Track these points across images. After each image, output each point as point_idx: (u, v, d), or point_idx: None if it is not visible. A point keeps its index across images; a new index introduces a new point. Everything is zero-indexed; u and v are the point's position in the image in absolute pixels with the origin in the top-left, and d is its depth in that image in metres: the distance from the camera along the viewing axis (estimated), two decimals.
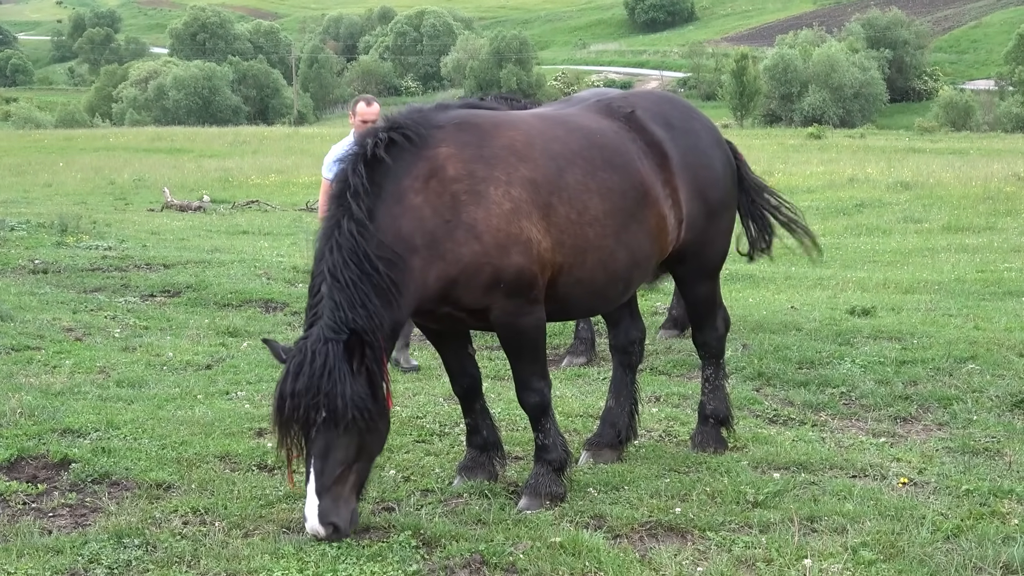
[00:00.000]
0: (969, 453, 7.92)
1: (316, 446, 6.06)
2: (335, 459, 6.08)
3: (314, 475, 6.06)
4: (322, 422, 6.02)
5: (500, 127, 6.82)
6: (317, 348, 6.07)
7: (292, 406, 6.04)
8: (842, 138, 57.21)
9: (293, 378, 6.07)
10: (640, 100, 7.87)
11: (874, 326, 11.99)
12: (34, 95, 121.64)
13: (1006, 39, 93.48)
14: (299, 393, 6.01)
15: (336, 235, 6.20)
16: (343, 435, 6.07)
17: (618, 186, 7.10)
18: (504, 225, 6.50)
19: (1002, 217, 23.60)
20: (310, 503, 6.05)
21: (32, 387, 9.24)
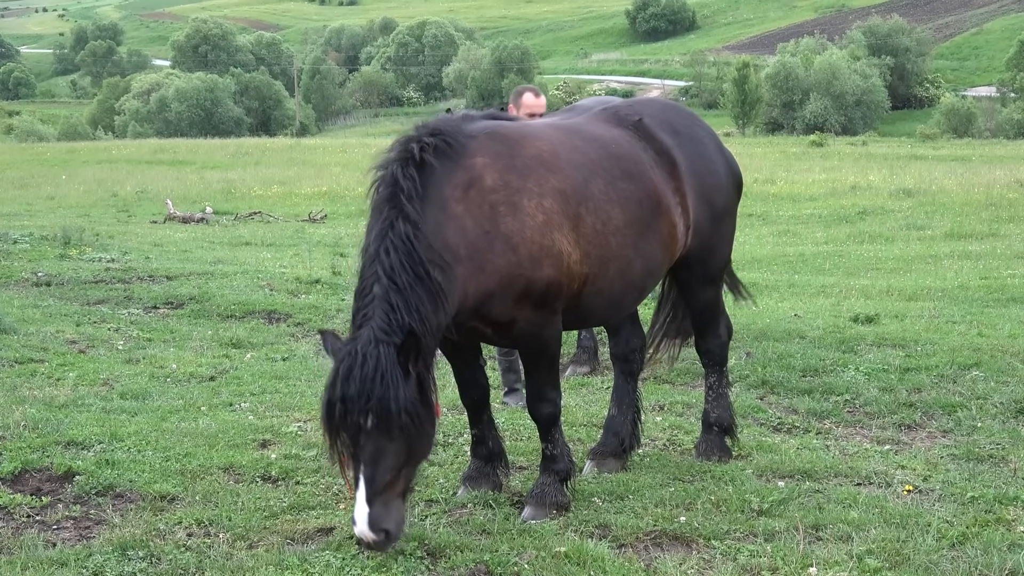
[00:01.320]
0: (974, 460, 7.91)
1: (366, 451, 5.91)
2: (385, 465, 5.93)
3: (364, 482, 5.90)
4: (372, 427, 5.89)
5: (527, 138, 6.84)
6: (368, 351, 5.94)
7: (342, 411, 5.90)
8: (844, 146, 57.23)
9: (343, 382, 5.92)
10: (645, 108, 7.90)
11: (878, 333, 11.98)
12: (37, 108, 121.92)
13: (1007, 46, 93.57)
14: (349, 398, 5.87)
15: (391, 236, 6.13)
16: (393, 440, 5.94)
17: (635, 195, 7.15)
18: (538, 237, 6.51)
19: (1005, 224, 23.61)
20: (360, 509, 5.87)
21: (36, 399, 9.23)
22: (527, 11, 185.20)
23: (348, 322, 6.39)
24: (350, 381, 5.90)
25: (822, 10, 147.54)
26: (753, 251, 19.89)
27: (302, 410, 9.17)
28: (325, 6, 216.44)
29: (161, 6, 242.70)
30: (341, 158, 47.67)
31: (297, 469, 7.64)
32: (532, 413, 7.07)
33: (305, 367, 10.85)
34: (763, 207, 27.88)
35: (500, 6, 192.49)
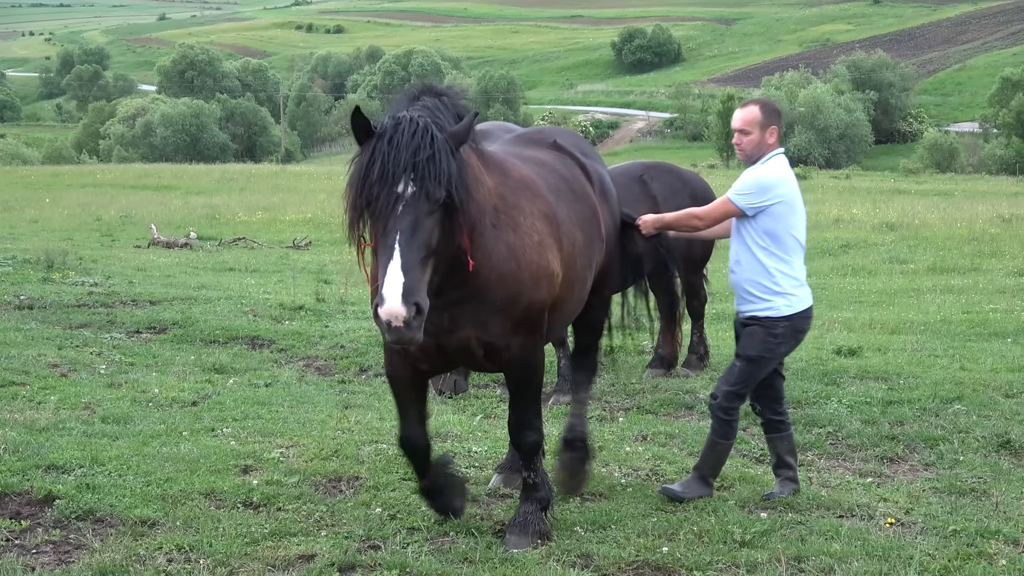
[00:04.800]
0: (956, 493, 7.92)
1: (404, 221, 5.62)
2: (421, 240, 5.65)
3: (399, 250, 5.57)
4: (412, 196, 5.65)
5: (508, 162, 6.84)
6: (416, 118, 5.79)
7: (380, 174, 5.65)
8: (828, 179, 57.53)
9: (387, 143, 5.70)
10: (552, 132, 7.97)
11: (860, 366, 12.00)
12: (22, 131, 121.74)
13: (990, 82, 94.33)
14: (392, 160, 5.65)
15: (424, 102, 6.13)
16: (431, 215, 5.70)
17: (585, 215, 7.22)
18: (535, 257, 6.49)
19: (987, 258, 23.70)
20: (392, 280, 5.50)
21: (16, 423, 9.18)
22: (514, 41, 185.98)
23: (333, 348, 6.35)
24: (393, 142, 5.71)
25: (807, 44, 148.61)
26: None
27: (284, 436, 9.14)
28: (312, 33, 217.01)
29: (148, 31, 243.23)
30: (326, 185, 47.63)
31: (279, 495, 7.61)
32: (517, 442, 6.99)
33: (288, 393, 10.82)
34: None
35: (487, 36, 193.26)
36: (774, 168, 7.56)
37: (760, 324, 7.52)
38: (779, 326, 7.50)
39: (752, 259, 7.52)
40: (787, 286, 7.53)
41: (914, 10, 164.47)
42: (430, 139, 5.72)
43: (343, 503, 7.53)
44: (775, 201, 7.46)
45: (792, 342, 7.65)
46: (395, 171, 5.65)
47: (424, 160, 5.66)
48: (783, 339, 7.54)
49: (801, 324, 7.61)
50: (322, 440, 8.94)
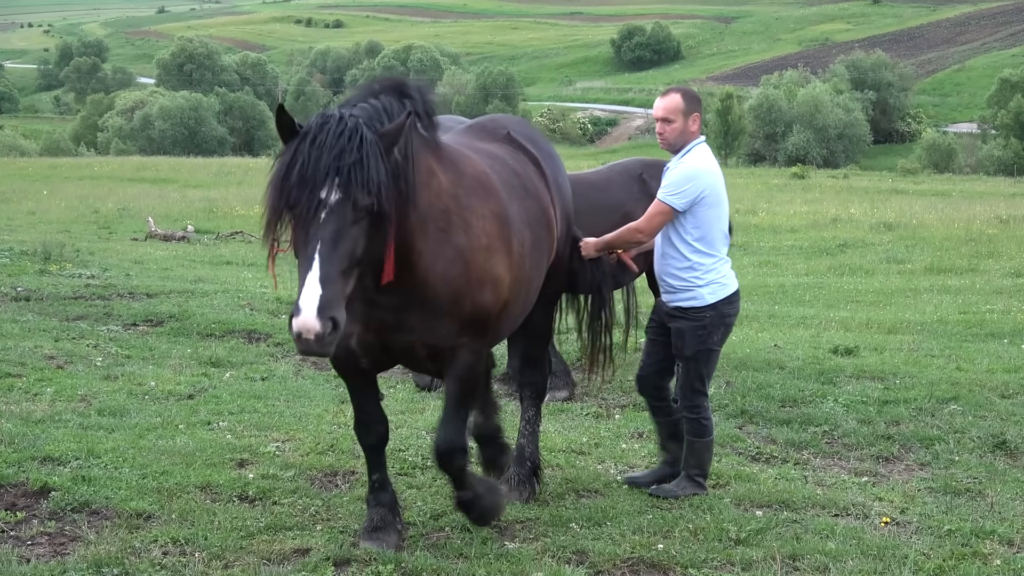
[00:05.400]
0: (951, 493, 7.94)
1: (325, 230, 5.30)
2: (343, 251, 5.32)
3: (318, 260, 5.27)
4: (336, 202, 5.31)
5: (464, 156, 6.58)
6: (345, 116, 5.48)
7: (301, 177, 5.32)
8: (826, 178, 57.57)
9: (310, 143, 5.36)
10: (505, 122, 7.74)
11: (857, 366, 12.01)
12: (19, 123, 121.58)
13: (988, 83, 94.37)
14: (314, 162, 5.32)
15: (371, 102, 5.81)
16: (356, 224, 5.37)
17: (535, 213, 6.99)
18: (481, 261, 6.24)
19: (984, 259, 23.72)
20: (309, 292, 5.22)
21: (12, 415, 9.18)
22: (513, 38, 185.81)
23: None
24: (317, 142, 5.36)
25: (806, 43, 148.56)
26: None
27: (280, 430, 9.14)
28: (311, 28, 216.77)
29: (147, 24, 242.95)
30: None
31: (274, 489, 7.61)
32: (446, 466, 6.54)
33: (284, 387, 10.82)
34: (744, 238, 27.94)
35: (486, 32, 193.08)
36: (698, 159, 7.48)
37: (686, 317, 7.50)
38: (705, 316, 7.48)
39: (676, 252, 7.48)
40: (711, 276, 7.50)
41: (913, 10, 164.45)
42: (358, 141, 5.39)
43: (339, 497, 7.52)
44: (705, 192, 7.39)
45: (722, 328, 7.62)
46: (317, 175, 5.32)
47: (350, 164, 5.33)
48: (711, 327, 7.52)
49: (725, 310, 7.57)
50: (318, 434, 8.94)
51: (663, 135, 7.54)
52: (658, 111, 7.53)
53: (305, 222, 5.33)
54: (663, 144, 7.59)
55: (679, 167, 7.45)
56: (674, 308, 7.57)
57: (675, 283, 7.51)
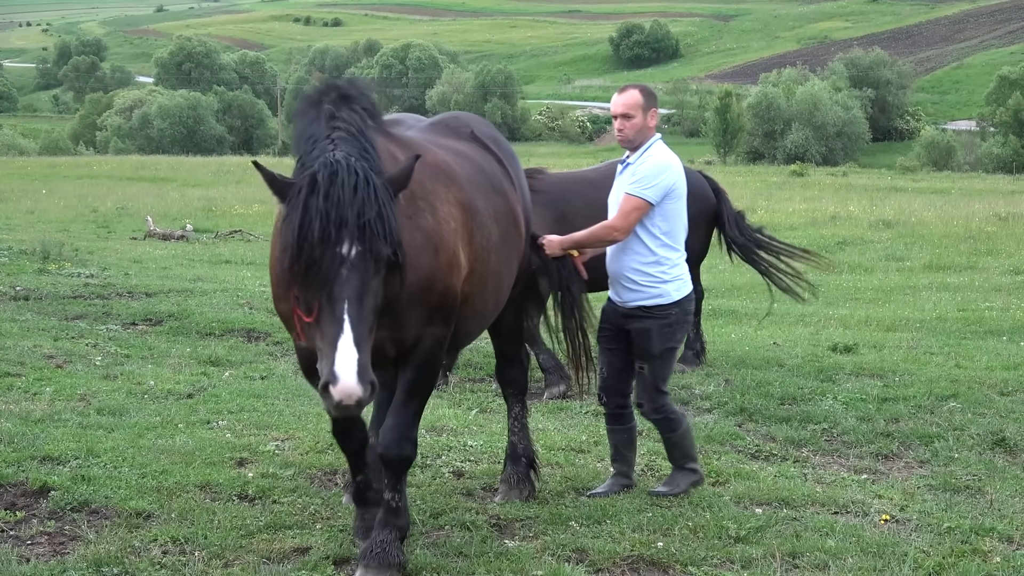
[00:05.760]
0: (951, 491, 7.94)
1: (350, 288, 5.13)
2: (368, 307, 5.20)
3: (349, 322, 5.09)
4: (357, 257, 5.15)
5: (423, 146, 6.43)
6: (352, 164, 5.26)
7: (322, 233, 5.09)
8: (824, 176, 57.53)
9: (323, 198, 5.12)
10: (468, 120, 7.64)
11: (856, 363, 12.02)
12: (18, 122, 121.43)
13: (987, 80, 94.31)
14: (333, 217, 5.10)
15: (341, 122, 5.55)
16: (376, 276, 5.25)
17: (503, 209, 6.89)
18: (452, 243, 6.10)
19: (983, 256, 23.74)
20: (345, 357, 5.03)
21: (12, 414, 9.18)
22: (511, 36, 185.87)
23: None
24: (332, 198, 5.14)
25: (804, 41, 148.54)
26: (732, 279, 19.93)
27: (280, 429, 9.14)
28: (310, 26, 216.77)
29: (145, 23, 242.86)
30: None
31: (274, 488, 7.60)
32: (390, 455, 6.21)
33: (283, 386, 10.82)
34: None
35: (484, 30, 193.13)
36: (663, 153, 7.43)
37: (651, 316, 7.39)
38: (671, 313, 7.40)
39: (643, 247, 7.37)
40: (676, 272, 7.43)
41: (912, 8, 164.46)
42: (373, 192, 5.23)
43: (339, 496, 7.52)
44: (675, 185, 7.36)
45: (685, 325, 7.57)
46: (339, 231, 5.13)
47: (371, 218, 5.17)
48: (677, 325, 7.46)
49: (688, 307, 7.54)
50: (317, 433, 8.94)
51: (623, 131, 7.44)
52: (617, 107, 7.44)
53: (328, 281, 5.15)
54: (622, 141, 7.48)
55: (647, 161, 7.37)
56: (636, 308, 7.44)
57: (639, 279, 7.38)
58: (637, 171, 7.36)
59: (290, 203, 5.26)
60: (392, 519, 6.25)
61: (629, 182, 7.35)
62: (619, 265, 7.47)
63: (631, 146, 7.47)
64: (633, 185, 7.31)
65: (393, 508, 6.27)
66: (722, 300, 17.71)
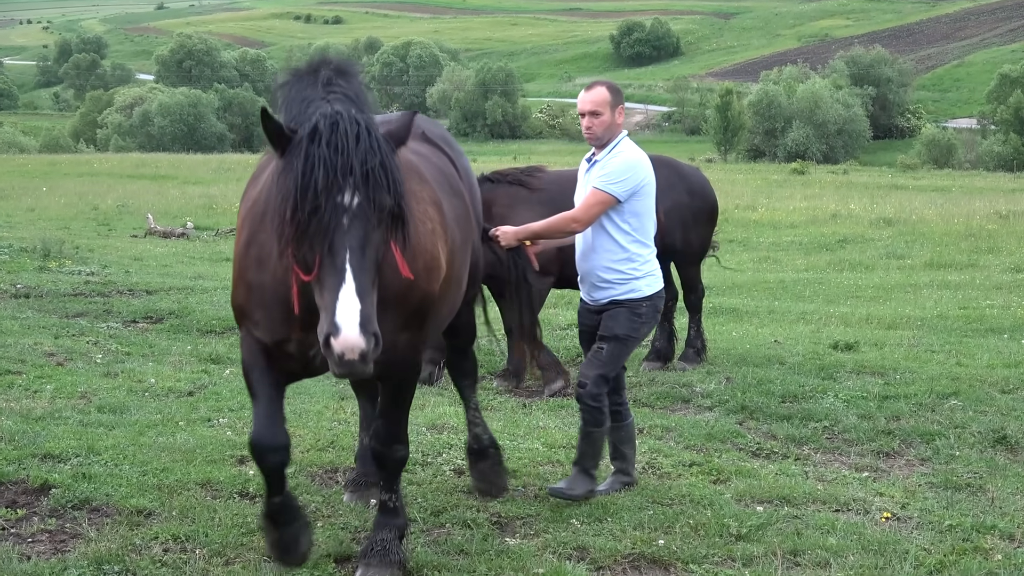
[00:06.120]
0: (952, 488, 7.93)
1: (353, 237, 4.93)
2: (371, 259, 4.99)
3: (351, 271, 4.87)
4: (359, 207, 4.96)
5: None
6: (352, 115, 5.09)
7: (326, 182, 4.92)
8: (825, 174, 57.54)
9: (328, 146, 4.96)
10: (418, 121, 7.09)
11: (857, 361, 12.02)
12: (18, 120, 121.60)
13: (988, 78, 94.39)
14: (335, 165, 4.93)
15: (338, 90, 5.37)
16: (377, 229, 5.03)
17: (462, 212, 6.76)
18: (429, 246, 5.88)
19: (984, 254, 23.73)
20: (347, 307, 4.81)
21: (13, 412, 9.17)
22: (512, 34, 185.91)
23: None
24: (333, 145, 4.98)
25: (805, 39, 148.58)
26: (733, 277, 19.93)
27: None
28: (310, 24, 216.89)
29: (146, 20, 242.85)
30: None
31: None
32: (383, 458, 6.22)
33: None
34: (744, 233, 27.96)
35: (485, 28, 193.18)
36: (633, 150, 7.39)
37: (623, 305, 7.36)
38: (643, 306, 7.36)
39: (614, 245, 7.31)
40: (647, 267, 7.39)
41: (913, 6, 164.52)
42: (376, 142, 5.08)
43: (339, 494, 7.51)
44: (645, 182, 7.32)
45: (652, 322, 7.52)
46: (343, 180, 4.95)
47: (375, 166, 5.00)
48: (646, 319, 7.41)
49: (659, 303, 7.49)
50: (318, 431, 8.94)
51: (591, 129, 7.36)
52: (586, 104, 7.36)
53: (329, 231, 4.92)
54: (590, 139, 7.40)
55: (618, 157, 7.31)
56: (608, 304, 7.40)
57: (610, 276, 7.34)
58: (606, 166, 7.31)
59: (290, 154, 5.09)
60: (390, 519, 6.25)
61: (597, 176, 7.29)
62: (590, 264, 7.42)
63: (599, 143, 7.40)
64: (601, 179, 7.25)
65: (391, 508, 6.26)
66: (723, 298, 17.70)
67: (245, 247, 5.75)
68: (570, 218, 7.31)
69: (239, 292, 5.83)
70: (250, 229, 5.74)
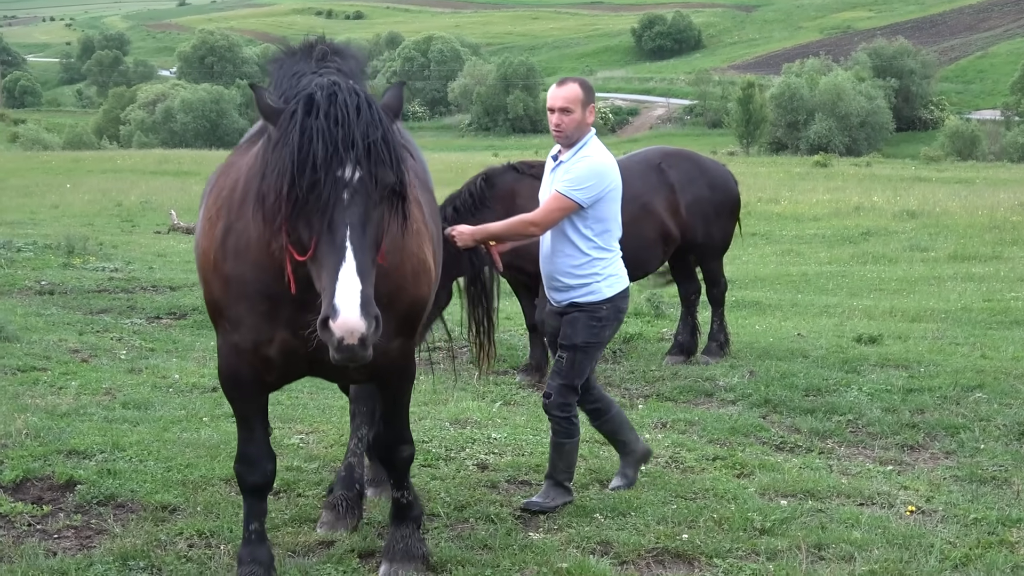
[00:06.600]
0: (977, 482, 7.89)
1: (352, 214, 4.70)
2: (372, 237, 4.76)
3: (351, 249, 4.64)
4: (359, 181, 4.73)
5: None
6: (350, 86, 4.88)
7: (325, 156, 4.68)
8: (848, 166, 57.31)
9: (326, 118, 4.73)
10: None
11: (881, 354, 11.97)
12: (42, 117, 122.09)
13: (1012, 69, 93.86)
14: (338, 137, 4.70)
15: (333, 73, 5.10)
16: (378, 207, 4.82)
17: (434, 209, 6.57)
18: (415, 249, 5.66)
19: (1008, 246, 23.60)
20: (347, 287, 4.57)
21: (38, 408, 9.22)
22: (533, 28, 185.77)
23: None
24: (332, 117, 4.74)
25: (827, 31, 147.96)
26: (756, 270, 19.89)
27: (304, 422, 9.16)
28: (332, 20, 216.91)
29: (168, 17, 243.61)
30: None
31: (299, 481, 7.63)
32: (391, 459, 6.15)
33: (307, 379, 10.81)
34: (767, 226, 27.87)
35: (506, 22, 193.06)
36: (602, 153, 7.13)
37: (581, 309, 7.16)
38: (602, 309, 7.15)
39: (573, 248, 7.07)
40: (609, 270, 7.18)
41: None
42: (377, 114, 4.85)
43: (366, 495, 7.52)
44: (611, 187, 7.07)
45: (615, 323, 7.32)
46: (344, 153, 4.72)
47: (379, 140, 4.79)
48: (607, 321, 7.21)
49: (622, 304, 7.28)
50: (342, 426, 8.95)
51: (560, 127, 7.08)
52: (557, 101, 7.09)
53: (328, 207, 4.70)
54: (559, 137, 7.13)
55: (583, 161, 7.04)
56: (568, 305, 7.22)
57: (571, 281, 7.13)
58: (571, 169, 7.03)
59: (284, 126, 4.82)
60: (407, 513, 6.22)
61: (562, 179, 7.03)
62: (552, 268, 7.22)
63: (567, 142, 7.13)
64: (565, 184, 6.98)
65: (405, 504, 6.22)
66: (746, 291, 17.66)
67: (222, 237, 5.47)
68: (528, 221, 7.05)
69: (214, 287, 5.57)
70: (227, 218, 5.47)
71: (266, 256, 5.19)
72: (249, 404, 5.80)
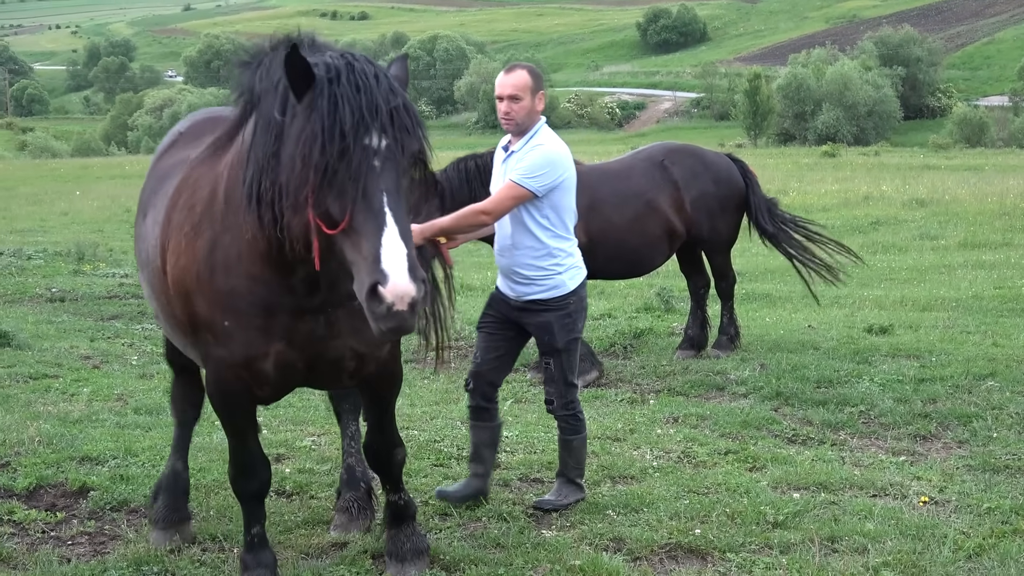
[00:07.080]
0: (990, 471, 7.86)
1: (387, 180, 4.59)
2: (407, 203, 4.70)
3: (391, 215, 4.53)
4: (387, 149, 4.62)
5: None
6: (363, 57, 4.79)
7: (354, 123, 4.58)
8: (856, 156, 57.14)
9: (350, 85, 4.62)
10: None
11: (892, 344, 11.95)
12: (50, 124, 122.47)
13: (1019, 55, 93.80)
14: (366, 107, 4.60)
15: None
16: (405, 175, 4.73)
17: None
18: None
19: (1019, 233, 23.53)
20: (393, 251, 4.47)
21: (50, 415, 9.24)
22: (538, 24, 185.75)
23: None
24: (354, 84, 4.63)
25: (833, 21, 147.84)
26: (766, 262, 19.83)
27: (316, 424, 9.17)
28: (337, 21, 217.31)
29: (173, 22, 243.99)
30: None
31: (311, 483, 7.63)
32: (388, 465, 6.10)
33: None
34: None
35: (511, 20, 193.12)
36: (554, 141, 6.98)
37: (549, 308, 7.04)
38: (569, 304, 7.06)
39: (533, 240, 6.96)
40: (569, 261, 7.08)
41: None
42: (394, 83, 4.75)
43: (375, 490, 7.53)
44: (565, 176, 6.93)
45: (584, 313, 7.24)
46: (371, 120, 4.61)
47: (400, 107, 4.69)
48: (577, 313, 7.12)
49: (583, 292, 7.18)
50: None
51: (510, 115, 6.94)
52: (506, 88, 6.93)
53: (360, 175, 4.56)
54: (509, 125, 6.99)
55: (536, 150, 6.90)
56: (529, 302, 7.09)
57: (531, 273, 7.01)
58: (524, 158, 6.90)
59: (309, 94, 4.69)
60: (405, 512, 6.20)
61: (515, 168, 6.91)
62: (510, 260, 7.09)
63: (518, 131, 7.00)
64: (518, 172, 6.84)
65: (402, 505, 6.19)
66: (756, 284, 17.64)
67: (207, 251, 5.28)
68: (479, 210, 6.82)
69: (199, 303, 5.33)
70: (211, 231, 5.29)
71: (260, 265, 5.13)
72: (240, 419, 5.72)
